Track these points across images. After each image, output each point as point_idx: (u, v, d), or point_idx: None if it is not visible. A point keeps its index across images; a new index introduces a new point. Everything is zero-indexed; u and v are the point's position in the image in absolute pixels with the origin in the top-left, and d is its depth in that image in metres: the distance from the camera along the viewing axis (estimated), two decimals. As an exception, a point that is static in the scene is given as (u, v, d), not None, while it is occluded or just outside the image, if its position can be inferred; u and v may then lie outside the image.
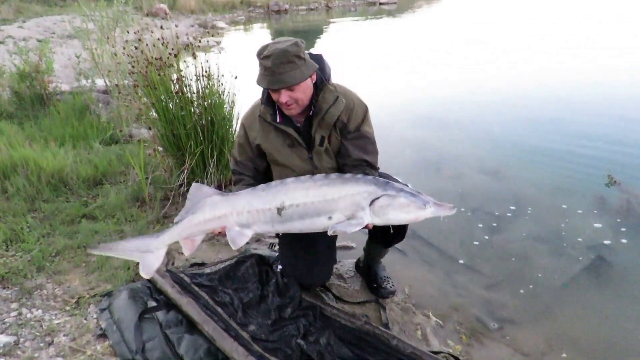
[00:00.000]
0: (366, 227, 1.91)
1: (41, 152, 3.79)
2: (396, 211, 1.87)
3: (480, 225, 3.34)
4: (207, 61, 3.43)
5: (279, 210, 1.94)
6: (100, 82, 5.67)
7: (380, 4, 25.98)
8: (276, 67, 1.92)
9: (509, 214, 3.47)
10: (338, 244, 2.68)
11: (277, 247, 2.88)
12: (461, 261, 2.95)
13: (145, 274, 2.04)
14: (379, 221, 1.90)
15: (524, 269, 2.84)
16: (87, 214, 3.26)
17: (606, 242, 3.06)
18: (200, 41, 3.56)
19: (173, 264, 2.79)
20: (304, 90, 2.04)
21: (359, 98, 2.22)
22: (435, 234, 3.24)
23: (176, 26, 3.57)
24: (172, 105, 3.40)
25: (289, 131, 2.14)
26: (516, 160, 4.47)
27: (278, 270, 2.52)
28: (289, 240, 2.45)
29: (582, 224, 3.28)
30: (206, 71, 3.39)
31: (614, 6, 18.67)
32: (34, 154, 3.62)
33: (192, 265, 2.74)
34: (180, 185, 3.57)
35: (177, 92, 3.32)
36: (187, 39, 3.49)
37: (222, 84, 3.48)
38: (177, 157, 3.53)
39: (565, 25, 13.80)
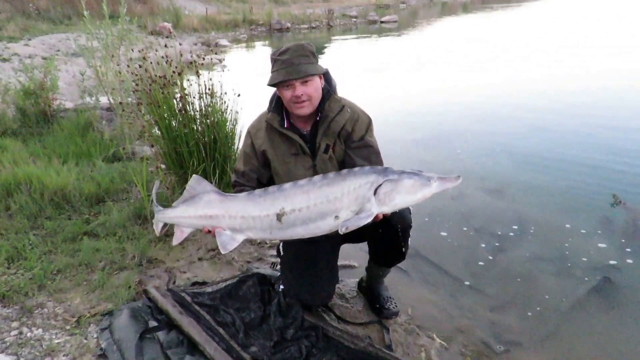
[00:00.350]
0: (376, 218, 1.86)
1: (44, 169, 3.80)
2: (402, 194, 1.83)
3: (484, 245, 3.32)
4: (211, 79, 3.47)
5: (279, 217, 1.90)
6: (104, 100, 5.71)
7: (381, 22, 26.24)
8: (294, 59, 2.02)
9: (513, 234, 3.45)
10: (340, 263, 2.65)
11: (279, 267, 2.86)
12: (465, 282, 2.92)
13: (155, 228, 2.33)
14: (387, 209, 1.85)
15: (530, 290, 2.81)
16: (89, 232, 3.25)
17: (612, 262, 3.03)
18: (203, 59, 3.60)
19: (174, 282, 2.76)
20: (316, 88, 2.11)
21: (363, 110, 2.28)
22: (438, 254, 3.22)
23: (180, 44, 3.60)
24: (175, 123, 3.42)
25: (294, 138, 2.17)
26: (519, 179, 4.46)
27: (280, 290, 2.50)
28: (290, 260, 2.43)
29: (586, 244, 3.26)
30: (209, 89, 3.42)
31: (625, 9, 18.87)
32: (37, 171, 3.63)
33: (194, 284, 2.72)
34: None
35: (180, 110, 3.34)
36: (191, 56, 3.52)
37: (225, 102, 3.51)
38: (179, 175, 3.53)
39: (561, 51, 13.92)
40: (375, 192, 1.83)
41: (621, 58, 8.65)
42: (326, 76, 2.24)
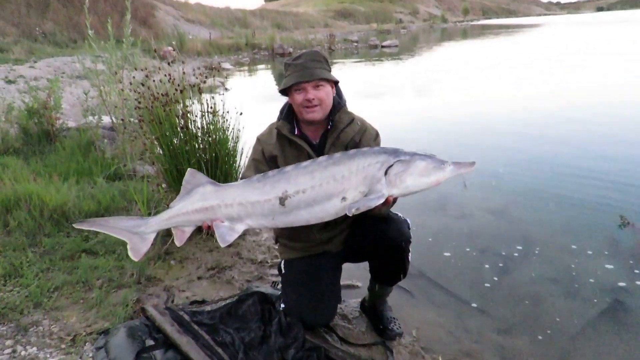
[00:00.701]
0: (385, 202, 1.79)
1: (45, 186, 3.77)
2: (414, 176, 1.77)
3: (490, 266, 3.26)
4: (213, 97, 3.47)
5: (282, 200, 1.82)
6: (106, 120, 5.73)
7: (382, 46, 26.60)
8: (308, 63, 2.05)
9: (518, 255, 3.40)
10: (342, 282, 2.60)
11: (280, 286, 2.80)
12: (471, 303, 2.84)
13: (133, 256, 2.01)
14: (397, 192, 1.79)
15: (538, 312, 2.74)
16: (88, 249, 3.20)
17: (621, 284, 2.96)
18: (206, 79, 3.61)
19: (173, 301, 2.70)
20: (328, 94, 2.12)
21: (370, 124, 2.29)
22: (442, 275, 3.16)
23: (183, 63, 3.61)
24: (176, 141, 3.41)
25: (303, 146, 2.16)
26: (522, 199, 4.42)
27: (281, 308, 2.44)
28: (292, 277, 2.38)
29: (594, 266, 3.19)
30: (211, 107, 3.41)
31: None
32: (37, 188, 3.60)
33: (192, 303, 2.66)
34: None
35: (182, 127, 3.33)
36: (195, 77, 3.52)
37: (227, 120, 3.50)
38: (178, 190, 3.49)
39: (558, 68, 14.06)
40: (385, 173, 1.77)
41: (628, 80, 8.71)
42: (337, 89, 2.26)
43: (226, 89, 11.61)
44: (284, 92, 2.20)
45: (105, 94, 5.01)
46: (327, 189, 1.80)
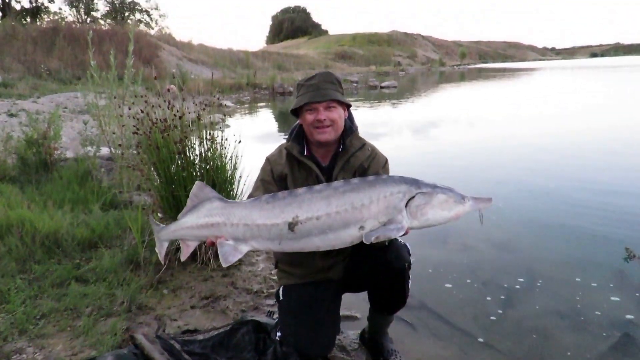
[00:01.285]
0: (404, 233, 1.74)
1: (39, 213, 3.70)
2: (435, 209, 1.72)
3: (493, 299, 3.15)
4: (212, 123, 3.47)
5: (291, 226, 1.75)
6: (105, 150, 5.72)
7: (381, 87, 27.05)
8: (321, 84, 2.04)
9: (522, 288, 3.29)
10: (341, 313, 2.49)
11: (276, 315, 2.69)
12: (476, 337, 2.71)
13: (159, 256, 2.28)
14: (417, 224, 1.74)
15: (546, 346, 2.61)
16: (78, 277, 3.10)
17: (629, 317, 2.86)
18: (205, 107, 3.60)
19: (164, 330, 2.59)
20: (340, 115, 2.10)
21: (380, 152, 2.27)
22: (445, 307, 3.05)
23: (183, 100, 3.58)
24: (174, 167, 3.37)
25: (312, 167, 2.12)
26: (525, 233, 4.35)
27: (277, 337, 2.33)
28: (290, 304, 2.29)
29: (601, 299, 3.09)
30: (210, 134, 3.40)
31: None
32: (30, 214, 3.53)
33: (184, 332, 2.55)
34: (177, 249, 3.44)
35: (179, 153, 3.30)
36: (196, 113, 3.49)
37: (225, 148, 3.48)
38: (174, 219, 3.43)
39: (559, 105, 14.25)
40: (407, 204, 1.72)
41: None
42: (349, 114, 2.25)
43: (227, 125, 11.71)
44: (295, 112, 2.19)
45: (105, 124, 5.02)
46: (344, 217, 1.74)
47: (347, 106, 2.18)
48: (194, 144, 3.44)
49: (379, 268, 2.14)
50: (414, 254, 2.24)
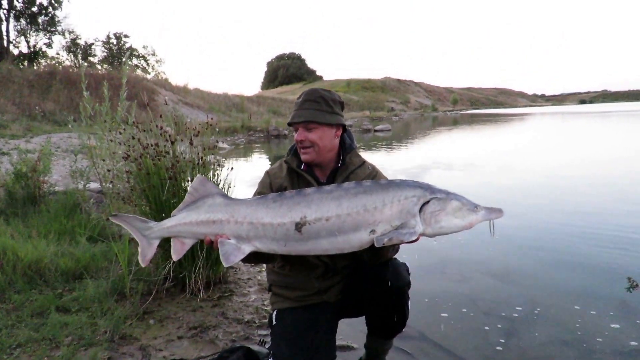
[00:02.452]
0: (415, 240, 1.66)
1: (22, 243, 3.58)
2: (449, 216, 1.64)
3: (494, 329, 3.02)
4: (204, 149, 3.42)
5: (298, 226, 1.65)
6: (94, 185, 5.63)
7: (375, 131, 27.39)
8: (302, 104, 2.00)
9: (523, 318, 3.16)
10: (337, 343, 2.35)
11: (267, 345, 2.54)
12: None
13: (140, 260, 1.90)
14: (430, 231, 1.65)
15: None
16: (60, 306, 2.95)
17: (633, 343, 2.75)
18: (198, 133, 3.57)
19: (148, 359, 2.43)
20: (322, 136, 2.02)
21: (380, 171, 2.22)
22: (445, 337, 2.90)
23: (181, 140, 3.54)
24: (164, 195, 3.29)
25: (311, 181, 2.06)
26: (524, 263, 4.25)
27: (269, 365, 2.19)
28: (284, 328, 2.16)
29: (604, 327, 2.97)
30: (202, 158, 3.35)
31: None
32: (12, 243, 3.41)
33: (170, 362, 2.39)
34: (165, 279, 3.31)
35: (170, 178, 3.23)
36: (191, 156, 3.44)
37: (217, 175, 3.42)
38: (164, 248, 3.31)
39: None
40: (421, 209, 1.65)
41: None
42: (348, 133, 2.22)
43: (221, 166, 11.69)
44: None
45: (95, 156, 4.96)
46: (356, 219, 1.65)
47: (336, 125, 2.10)
48: (185, 169, 3.38)
49: (377, 288, 2.05)
50: (412, 285, 2.15)
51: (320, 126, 2.03)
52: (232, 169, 3.47)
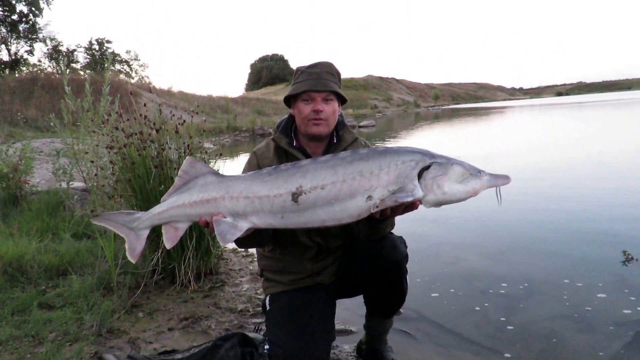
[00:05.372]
0: (413, 206, 1.59)
1: (3, 240, 3.43)
2: (452, 182, 1.55)
3: (494, 306, 2.95)
4: (190, 137, 3.31)
5: (295, 196, 1.57)
6: (79, 184, 5.46)
7: (360, 127, 27.36)
8: (323, 74, 1.94)
9: (521, 295, 3.11)
10: (335, 326, 2.26)
11: (262, 332, 2.44)
12: (482, 343, 2.50)
13: (129, 256, 1.78)
14: (432, 198, 1.55)
15: (558, 348, 2.41)
16: (43, 303, 2.81)
17: (627, 312, 2.71)
18: (184, 122, 3.46)
19: (138, 352, 2.31)
20: (335, 110, 1.99)
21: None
22: (443, 317, 2.83)
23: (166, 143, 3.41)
24: (149, 184, 3.17)
25: (301, 158, 1.96)
26: (519, 242, 4.23)
27: (265, 351, 2.08)
28: (279, 312, 2.06)
29: (606, 301, 2.92)
30: (189, 146, 3.24)
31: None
32: (-8, 240, 3.26)
33: (161, 353, 2.28)
34: (154, 271, 3.19)
35: (156, 167, 3.11)
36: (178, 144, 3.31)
37: (205, 160, 3.30)
38: (151, 239, 3.19)
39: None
40: (420, 175, 1.56)
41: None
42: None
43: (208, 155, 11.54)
44: (287, 101, 2.06)
45: (79, 153, 4.80)
46: (351, 186, 1.57)
47: (343, 102, 2.07)
48: (172, 157, 3.26)
49: (374, 263, 1.97)
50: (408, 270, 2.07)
51: (335, 100, 1.99)
52: (220, 154, 3.35)
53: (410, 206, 1.60)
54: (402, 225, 2.17)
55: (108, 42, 46.91)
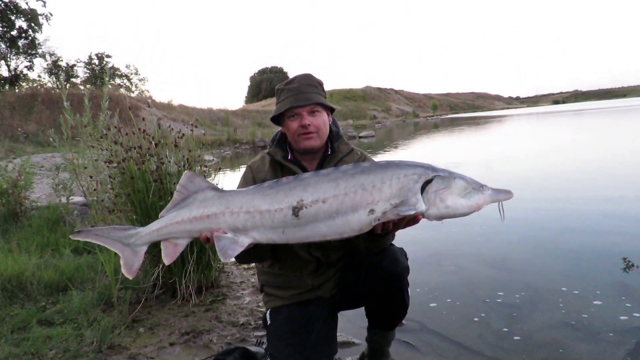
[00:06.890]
0: (415, 221, 1.58)
1: (2, 257, 3.42)
2: (454, 196, 1.54)
3: (496, 316, 2.93)
4: (190, 151, 3.31)
5: (296, 210, 1.56)
6: (79, 199, 5.46)
7: (360, 137, 27.43)
8: (302, 87, 1.93)
9: (524, 303, 3.09)
10: (337, 338, 2.24)
11: (264, 346, 2.42)
12: (485, 353, 2.48)
13: (125, 272, 1.72)
14: (435, 211, 1.55)
15: (561, 356, 2.40)
16: (43, 320, 2.80)
17: (635, 317, 2.69)
18: (183, 135, 3.46)
19: (138, 368, 2.30)
20: (324, 121, 1.98)
21: (369, 156, 2.15)
22: (446, 327, 2.81)
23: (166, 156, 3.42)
24: (149, 198, 3.17)
25: (297, 172, 1.94)
26: (519, 251, 4.22)
27: (266, 365, 2.07)
28: (280, 326, 2.05)
29: (607, 309, 2.90)
30: (188, 159, 3.24)
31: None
32: (-8, 257, 3.25)
33: (162, 369, 2.26)
34: (154, 286, 3.17)
35: (155, 181, 3.11)
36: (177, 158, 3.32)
37: (205, 175, 3.31)
38: (152, 254, 3.18)
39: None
40: (422, 189, 1.55)
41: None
42: (333, 120, 2.14)
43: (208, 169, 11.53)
44: (276, 120, 2.06)
45: (79, 167, 4.80)
46: (353, 199, 1.56)
47: (331, 110, 2.07)
48: (171, 171, 3.26)
49: (374, 275, 1.95)
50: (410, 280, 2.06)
51: (322, 110, 1.99)
52: (219, 169, 3.36)
53: (413, 220, 1.59)
54: (402, 235, 2.18)
55: (108, 56, 47.24)
